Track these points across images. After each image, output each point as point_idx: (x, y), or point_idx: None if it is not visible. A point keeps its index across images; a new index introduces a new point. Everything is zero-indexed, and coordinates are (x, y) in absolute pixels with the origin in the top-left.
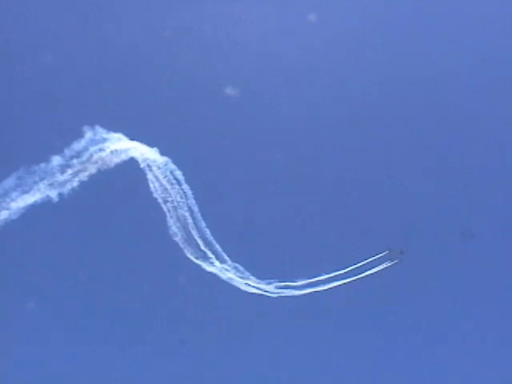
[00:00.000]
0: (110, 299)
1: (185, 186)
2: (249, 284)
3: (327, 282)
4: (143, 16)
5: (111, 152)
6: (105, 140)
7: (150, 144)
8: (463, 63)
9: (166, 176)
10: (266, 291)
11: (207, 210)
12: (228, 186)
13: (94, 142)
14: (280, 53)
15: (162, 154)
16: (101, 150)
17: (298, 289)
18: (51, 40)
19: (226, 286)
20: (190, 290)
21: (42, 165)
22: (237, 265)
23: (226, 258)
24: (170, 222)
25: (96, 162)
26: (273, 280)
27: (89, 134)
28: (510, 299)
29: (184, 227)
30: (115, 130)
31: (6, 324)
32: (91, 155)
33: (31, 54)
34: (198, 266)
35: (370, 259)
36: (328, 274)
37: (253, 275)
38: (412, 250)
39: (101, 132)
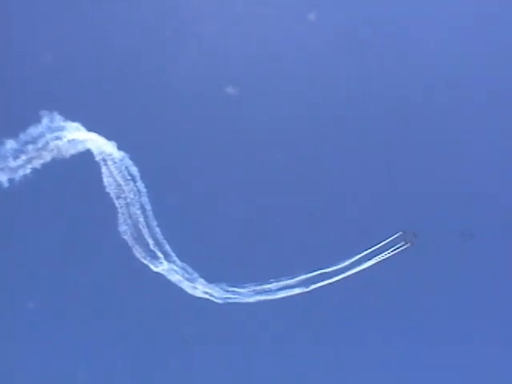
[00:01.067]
0: (49, 293)
1: (139, 184)
2: (195, 287)
3: (276, 291)
4: (143, 15)
5: (68, 141)
6: (62, 128)
7: (109, 137)
8: (464, 63)
9: (120, 171)
10: (212, 295)
11: (160, 209)
12: (183, 185)
13: (51, 129)
14: (280, 53)
15: (120, 148)
16: (58, 138)
17: (245, 295)
18: (17, 20)
19: (172, 287)
20: (134, 289)
21: None
22: (185, 266)
23: (175, 258)
24: (121, 218)
25: (52, 150)
26: (222, 284)
27: (45, 120)
28: (510, 299)
29: (135, 225)
30: (73, 119)
31: None
32: (47, 143)
33: None
34: (146, 265)
35: (383, 242)
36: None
37: (202, 277)
38: (412, 250)
39: (58, 119)
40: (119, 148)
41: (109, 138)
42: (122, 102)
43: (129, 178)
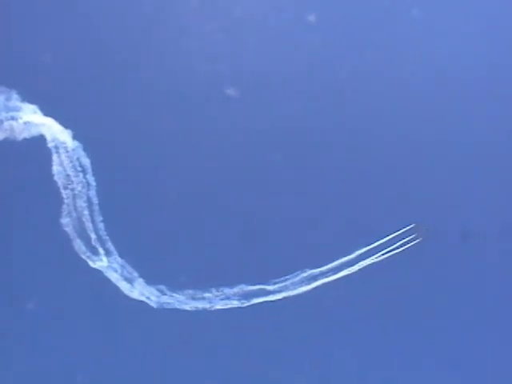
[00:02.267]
0: None
1: (89, 176)
2: (133, 287)
3: (215, 301)
4: (143, 15)
5: (24, 123)
6: (18, 109)
7: (66, 125)
8: (465, 63)
9: (72, 161)
10: (149, 298)
11: (107, 204)
12: (134, 183)
13: (6, 108)
14: (280, 52)
15: (75, 138)
16: (13, 118)
17: (182, 302)
18: None
19: (109, 285)
20: (68, 284)
21: None
22: (125, 264)
23: (116, 256)
24: (65, 210)
25: (5, 130)
26: (161, 287)
27: (1, 98)
28: (510, 299)
29: (79, 218)
30: (31, 101)
31: None
32: (1, 121)
33: None
34: (84, 261)
35: (393, 234)
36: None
37: (141, 277)
38: (412, 250)
39: (16, 99)
40: (74, 137)
41: (66, 125)
42: (88, 92)
43: (79, 169)
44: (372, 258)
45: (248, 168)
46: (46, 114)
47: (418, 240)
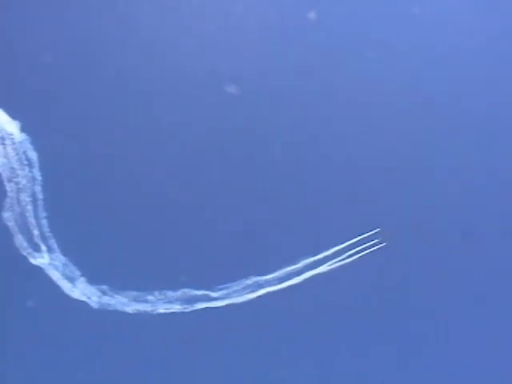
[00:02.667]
0: None
1: (35, 171)
2: (74, 286)
3: (157, 304)
4: (142, 15)
5: None
6: None
7: (14, 116)
8: (466, 64)
9: (18, 154)
10: (90, 298)
11: (52, 200)
12: (81, 180)
13: None
14: (280, 52)
15: (23, 130)
16: None
17: (124, 304)
18: None
19: (49, 284)
20: (6, 281)
21: None
22: (68, 262)
23: (59, 253)
24: (8, 204)
25: None
26: (104, 287)
27: None
28: (510, 299)
29: (21, 213)
30: None
31: None
32: None
33: None
34: (24, 257)
35: (355, 239)
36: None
37: (83, 276)
38: (412, 250)
39: None
40: (22, 130)
41: (14, 116)
42: (41, 86)
43: (26, 162)
44: (329, 263)
45: (204, 171)
46: None
47: (382, 244)
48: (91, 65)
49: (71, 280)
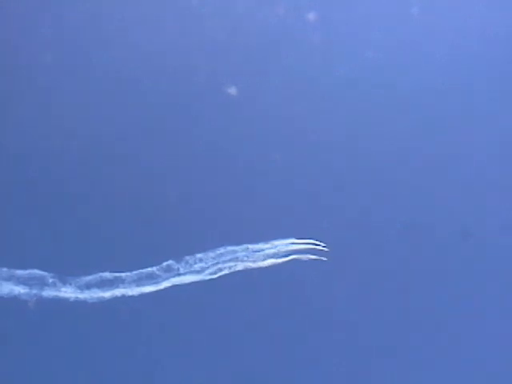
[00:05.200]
0: None
1: None
2: None
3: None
4: (142, 15)
5: None
6: None
7: None
8: (467, 65)
9: None
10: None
11: None
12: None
13: None
14: (279, 53)
15: None
16: None
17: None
18: None
19: None
20: None
21: None
22: None
23: None
24: None
25: None
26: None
27: None
28: (510, 299)
29: None
30: None
31: None
32: None
33: None
34: None
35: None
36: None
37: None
38: (411, 250)
39: None
40: None
41: None
42: None
43: None
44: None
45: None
46: None
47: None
48: (90, 65)
49: None
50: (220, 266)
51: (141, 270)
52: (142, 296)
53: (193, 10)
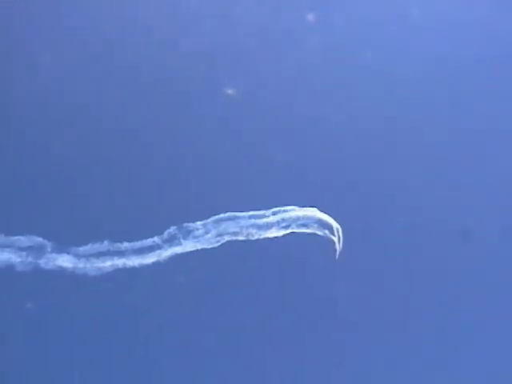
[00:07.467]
0: None
1: None
2: None
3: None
4: (142, 15)
5: None
6: None
7: None
8: (468, 65)
9: None
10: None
11: None
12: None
13: None
14: (280, 53)
15: None
16: None
17: None
18: None
19: None
20: None
21: None
22: None
23: None
24: None
25: None
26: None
27: None
28: (510, 299)
29: None
30: None
31: None
32: None
33: None
34: None
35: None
36: None
37: None
38: (411, 250)
39: None
40: None
41: None
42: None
43: None
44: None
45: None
46: None
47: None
48: (89, 65)
49: None
50: (223, 234)
51: (143, 241)
52: (142, 267)
53: (193, 10)
